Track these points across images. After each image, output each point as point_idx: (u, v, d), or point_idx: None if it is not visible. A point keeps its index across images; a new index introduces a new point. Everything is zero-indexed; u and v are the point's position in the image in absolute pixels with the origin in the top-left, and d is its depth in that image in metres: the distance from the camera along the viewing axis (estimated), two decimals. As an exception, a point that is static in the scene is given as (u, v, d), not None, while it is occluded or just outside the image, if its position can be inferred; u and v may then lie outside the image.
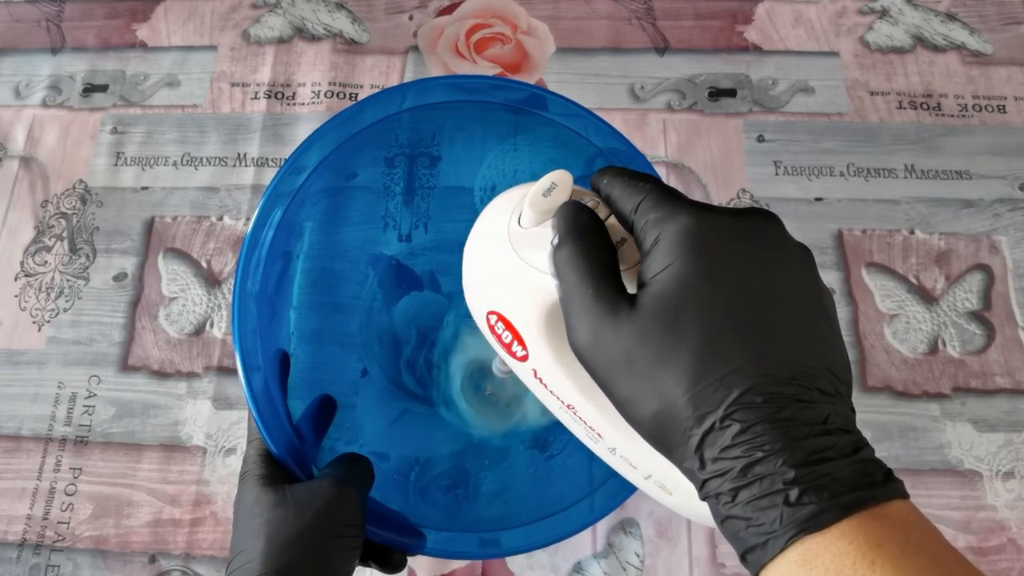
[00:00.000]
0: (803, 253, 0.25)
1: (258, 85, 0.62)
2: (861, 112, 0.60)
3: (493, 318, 0.33)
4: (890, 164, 0.59)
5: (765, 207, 0.27)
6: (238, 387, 0.54)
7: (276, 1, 0.65)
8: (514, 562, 0.50)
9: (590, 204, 0.28)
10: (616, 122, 0.59)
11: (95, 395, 0.53)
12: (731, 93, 0.61)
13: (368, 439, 0.51)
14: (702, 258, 0.24)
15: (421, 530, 0.41)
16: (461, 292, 0.54)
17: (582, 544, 0.50)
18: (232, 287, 0.55)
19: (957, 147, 0.59)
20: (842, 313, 0.54)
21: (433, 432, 0.52)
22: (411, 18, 0.64)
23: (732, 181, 0.58)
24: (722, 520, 0.23)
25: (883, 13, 0.64)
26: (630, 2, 0.65)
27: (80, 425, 0.52)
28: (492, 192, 0.58)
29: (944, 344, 0.53)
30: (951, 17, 0.63)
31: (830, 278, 0.55)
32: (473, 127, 0.54)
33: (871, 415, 0.52)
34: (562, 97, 0.50)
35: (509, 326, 0.32)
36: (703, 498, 0.24)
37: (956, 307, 0.54)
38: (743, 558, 0.23)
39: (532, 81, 0.62)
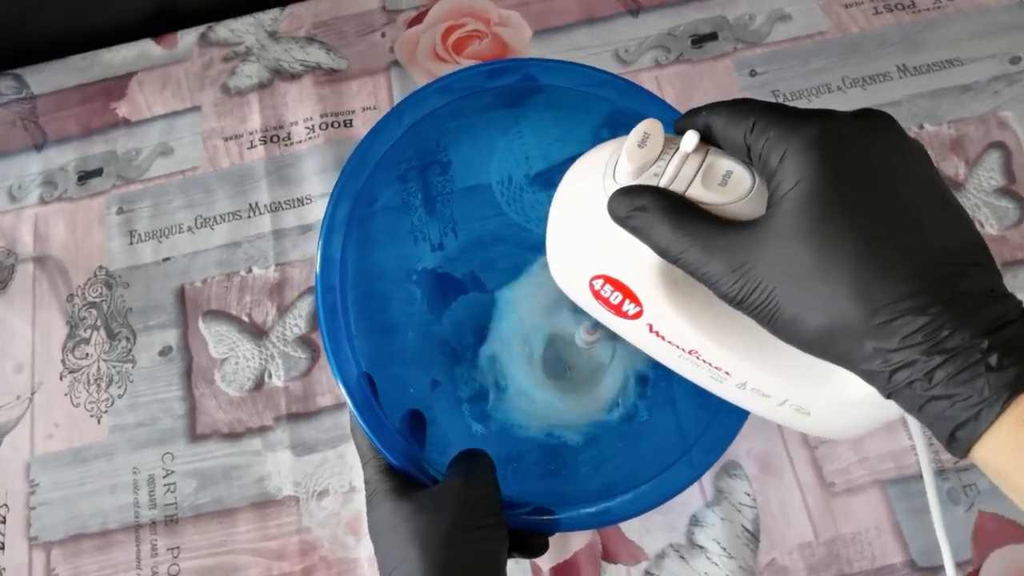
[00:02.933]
0: (918, 145, 0.27)
1: (251, 134, 0.62)
2: (841, 26, 0.63)
3: (599, 282, 0.34)
4: (882, 69, 0.61)
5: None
6: (314, 430, 0.54)
7: (247, 50, 0.65)
8: (631, 531, 0.51)
9: (688, 147, 0.29)
10: (612, 88, 0.61)
11: (172, 472, 0.53)
12: (713, 37, 0.63)
13: (457, 446, 0.51)
14: (837, 165, 0.25)
15: (551, 508, 0.42)
16: (506, 288, 0.55)
17: (692, 498, 0.51)
18: (277, 334, 0.56)
19: (940, 39, 0.61)
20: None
21: (517, 424, 0.53)
22: (383, 35, 0.65)
23: (738, 118, 0.60)
24: (920, 406, 0.24)
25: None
26: (592, -27, 0.66)
27: (166, 505, 0.52)
28: (510, 183, 0.59)
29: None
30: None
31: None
32: (475, 125, 0.56)
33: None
34: (553, 61, 0.51)
35: (619, 286, 0.34)
36: (889, 393, 0.25)
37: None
38: (951, 437, 0.24)
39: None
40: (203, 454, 0.54)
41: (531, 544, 0.41)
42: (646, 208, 0.28)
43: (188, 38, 0.66)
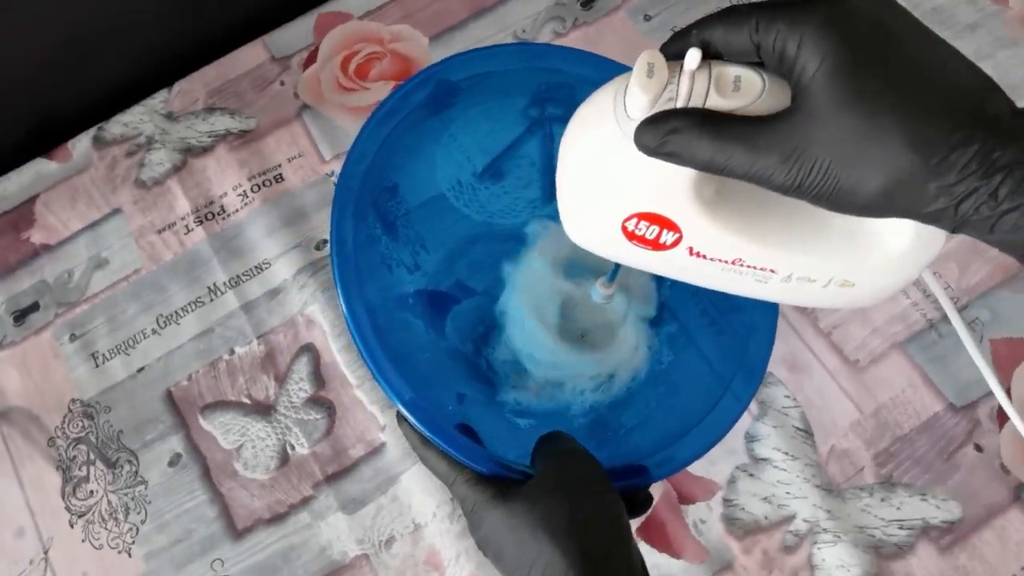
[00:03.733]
0: (900, 5, 0.29)
1: (183, 219, 0.60)
2: None
3: (632, 223, 0.35)
4: None
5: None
6: (357, 483, 0.52)
7: (147, 139, 0.63)
8: (697, 469, 0.52)
9: (693, 65, 0.30)
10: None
11: (228, 575, 0.50)
12: (598, -6, 0.65)
13: (510, 446, 0.51)
14: (854, 35, 0.26)
15: (641, 464, 0.42)
16: (497, 284, 0.55)
17: (741, 419, 0.52)
18: (285, 405, 0.54)
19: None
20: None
21: (556, 407, 0.52)
22: (282, 83, 0.64)
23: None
24: (992, 226, 0.26)
25: None
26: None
27: (233, 611, 0.49)
28: (460, 186, 0.59)
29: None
30: None
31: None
32: (408, 144, 0.55)
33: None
34: (460, 56, 0.52)
35: (654, 219, 0.34)
36: (956, 227, 0.27)
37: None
38: None
39: (428, 76, 0.64)
40: (253, 547, 0.51)
41: (637, 501, 0.41)
42: (678, 129, 0.29)
43: (81, 145, 0.63)
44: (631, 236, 0.36)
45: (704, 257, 0.36)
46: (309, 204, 0.60)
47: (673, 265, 0.37)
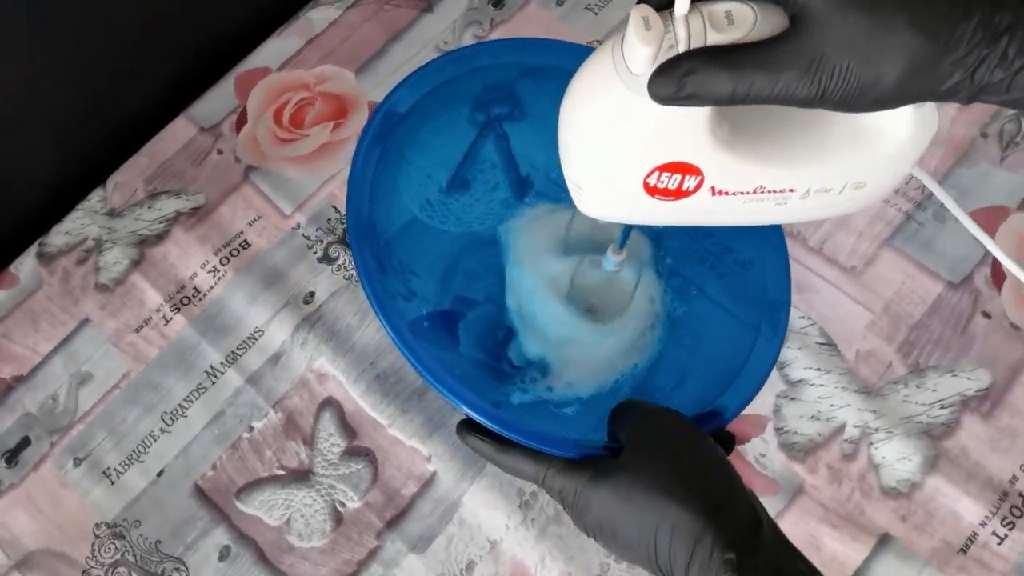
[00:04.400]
0: None
1: (158, 311, 0.57)
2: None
3: (654, 177, 0.35)
4: None
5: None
6: (420, 520, 0.51)
7: (95, 241, 0.60)
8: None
9: (685, 8, 0.31)
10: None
11: (317, 652, 0.48)
12: (506, -9, 0.66)
13: (561, 430, 0.50)
14: None
15: (711, 410, 0.42)
16: (497, 288, 0.54)
17: (766, 348, 0.53)
18: (321, 465, 0.52)
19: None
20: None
21: (595, 390, 0.52)
22: (220, 152, 0.62)
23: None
24: (1007, 86, 0.28)
25: None
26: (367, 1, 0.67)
27: None
28: (431, 205, 0.59)
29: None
30: None
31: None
32: (367, 176, 0.55)
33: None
34: (403, 85, 0.51)
35: (675, 167, 0.35)
36: (973, 96, 0.29)
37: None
38: None
39: (365, 109, 0.63)
40: (333, 615, 0.49)
41: (724, 442, 0.41)
42: (694, 70, 0.29)
43: (26, 266, 0.59)
44: (653, 191, 0.36)
45: (727, 194, 0.37)
46: (283, 261, 0.59)
47: (695, 210, 0.37)
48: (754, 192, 0.37)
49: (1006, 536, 0.49)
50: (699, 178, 0.36)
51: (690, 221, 0.39)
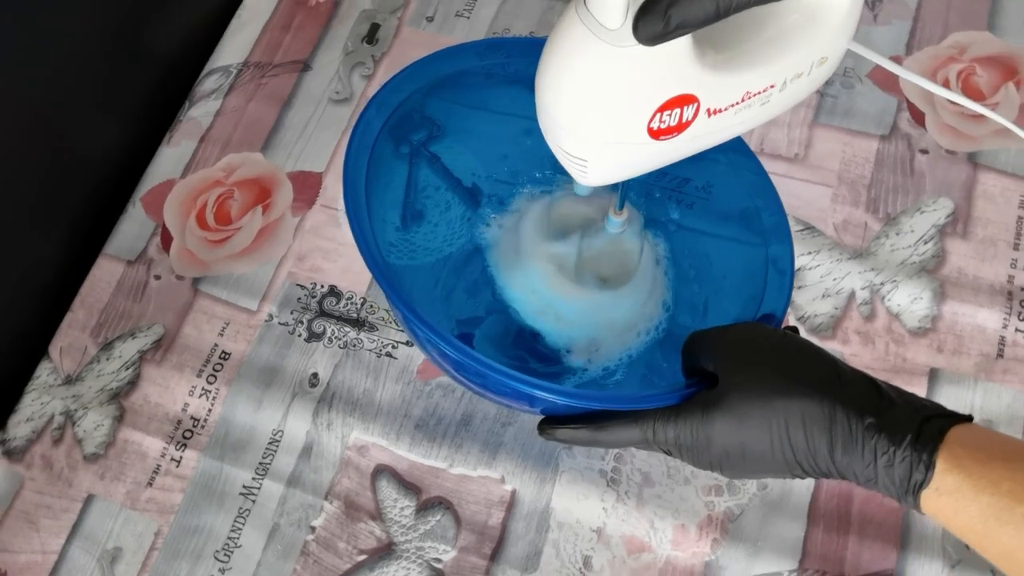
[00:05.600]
0: None
1: (163, 455, 0.54)
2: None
3: (656, 119, 0.36)
4: None
5: None
6: (521, 542, 0.50)
7: (64, 417, 0.55)
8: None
9: None
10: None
11: None
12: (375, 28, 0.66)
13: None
14: None
15: (767, 313, 0.44)
16: (492, 296, 0.54)
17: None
18: (399, 534, 0.50)
19: None
20: None
21: (623, 350, 0.53)
22: (158, 277, 0.59)
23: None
24: None
25: None
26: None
27: None
28: (393, 246, 0.58)
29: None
30: None
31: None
32: (318, 249, 0.53)
33: None
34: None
35: (673, 102, 0.36)
36: None
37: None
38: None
39: (286, 182, 0.61)
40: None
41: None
42: (675, 1, 0.30)
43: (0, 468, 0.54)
44: (658, 133, 0.37)
45: (720, 111, 0.38)
46: (272, 356, 0.56)
47: (694, 137, 0.39)
48: (742, 100, 0.38)
49: (1026, 328, 0.53)
50: (695, 105, 0.37)
51: (687, 152, 0.40)
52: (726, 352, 0.38)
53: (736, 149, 0.52)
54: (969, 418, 0.34)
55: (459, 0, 0.67)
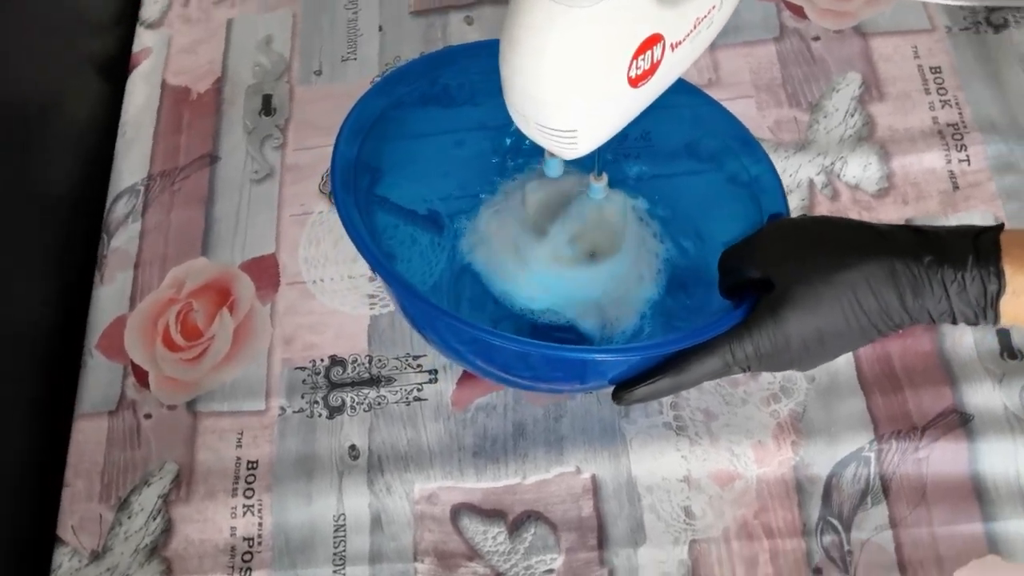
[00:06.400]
0: None
1: (229, 589, 0.50)
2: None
3: (633, 67, 0.37)
4: None
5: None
6: (621, 522, 0.50)
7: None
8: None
9: None
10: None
11: None
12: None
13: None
14: None
15: (776, 212, 0.45)
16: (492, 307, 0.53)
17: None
18: (505, 565, 0.49)
19: None
20: None
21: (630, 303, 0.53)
22: (148, 416, 0.55)
23: None
24: None
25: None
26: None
27: None
28: (374, 297, 0.56)
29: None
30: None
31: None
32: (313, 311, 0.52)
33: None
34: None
35: (646, 44, 0.37)
36: None
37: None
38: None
39: (243, 275, 0.59)
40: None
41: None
42: None
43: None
44: (636, 80, 0.38)
45: (680, 43, 0.40)
46: (300, 446, 0.53)
47: (663, 76, 0.40)
48: (695, 28, 0.40)
49: (963, 148, 0.57)
50: (662, 43, 0.38)
51: (656, 94, 0.41)
52: (772, 252, 0.40)
53: (672, 93, 0.54)
54: (1001, 226, 0.37)
55: (340, 45, 0.66)
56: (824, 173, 0.58)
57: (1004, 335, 0.52)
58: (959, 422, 0.49)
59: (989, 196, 0.56)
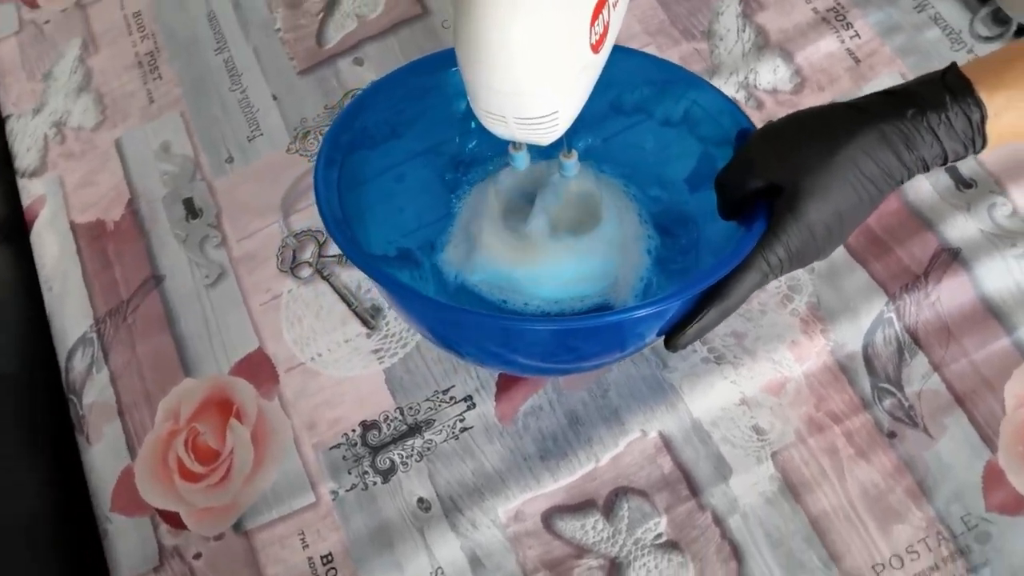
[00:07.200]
0: None
1: None
2: None
3: (593, 33, 0.38)
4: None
5: None
6: (702, 463, 0.50)
7: None
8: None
9: None
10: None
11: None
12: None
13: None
14: None
15: (743, 130, 0.47)
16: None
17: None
18: (613, 549, 0.48)
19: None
20: None
21: (629, 263, 0.54)
22: (197, 555, 0.52)
23: None
24: None
25: None
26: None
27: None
28: (352, 349, 0.55)
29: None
30: None
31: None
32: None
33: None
34: None
35: (597, 7, 0.38)
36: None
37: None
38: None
39: (234, 384, 0.56)
40: None
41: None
42: None
43: None
44: (596, 46, 0.39)
45: (619, 1, 0.41)
46: (368, 520, 0.51)
47: (612, 35, 0.41)
48: None
49: (850, 26, 0.61)
50: (607, 5, 0.39)
51: (606, 58, 0.42)
52: (769, 159, 0.41)
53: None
54: (954, 64, 0.40)
55: (240, 127, 0.64)
56: (742, 89, 0.61)
57: (952, 171, 0.56)
58: (951, 258, 0.53)
59: (888, 59, 0.60)
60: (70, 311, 0.60)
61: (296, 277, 0.58)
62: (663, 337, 0.44)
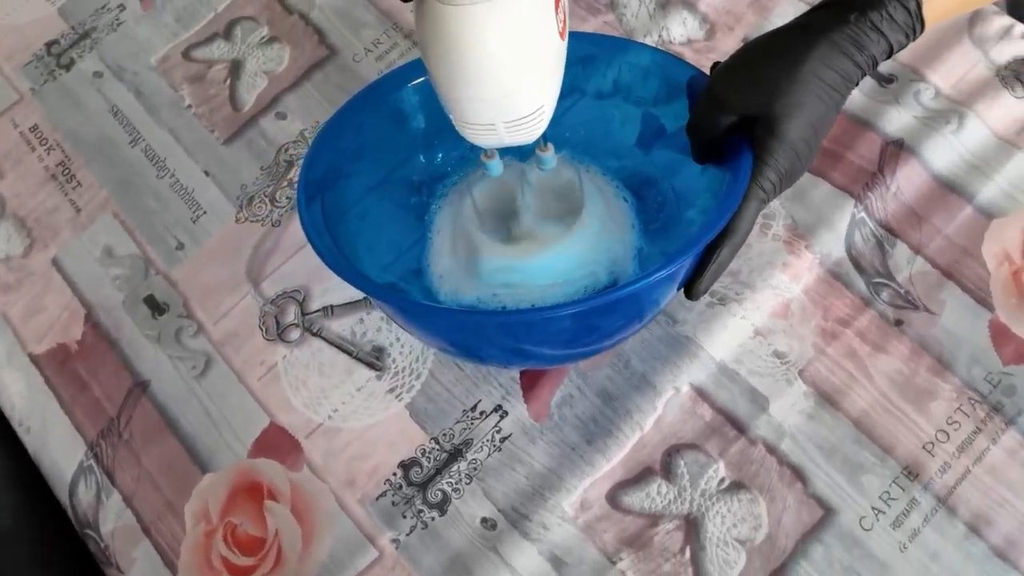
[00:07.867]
0: None
1: None
2: None
3: (558, 19, 0.39)
4: None
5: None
6: (734, 404, 0.51)
7: None
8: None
9: None
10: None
11: None
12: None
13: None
14: None
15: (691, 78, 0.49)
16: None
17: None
18: (689, 507, 0.49)
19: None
20: None
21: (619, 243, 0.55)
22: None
23: None
24: None
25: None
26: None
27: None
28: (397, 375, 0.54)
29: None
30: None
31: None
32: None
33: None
34: None
35: None
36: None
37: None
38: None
39: (258, 468, 0.54)
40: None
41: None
42: None
43: None
44: (563, 33, 0.39)
45: None
46: (438, 556, 0.50)
47: (568, 22, 0.42)
48: None
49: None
50: None
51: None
52: (736, 93, 0.43)
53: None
54: None
55: (181, 211, 0.62)
56: (660, 47, 0.63)
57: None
58: (897, 148, 0.56)
59: (786, -15, 0.64)
60: (57, 445, 0.56)
61: (286, 342, 0.57)
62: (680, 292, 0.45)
